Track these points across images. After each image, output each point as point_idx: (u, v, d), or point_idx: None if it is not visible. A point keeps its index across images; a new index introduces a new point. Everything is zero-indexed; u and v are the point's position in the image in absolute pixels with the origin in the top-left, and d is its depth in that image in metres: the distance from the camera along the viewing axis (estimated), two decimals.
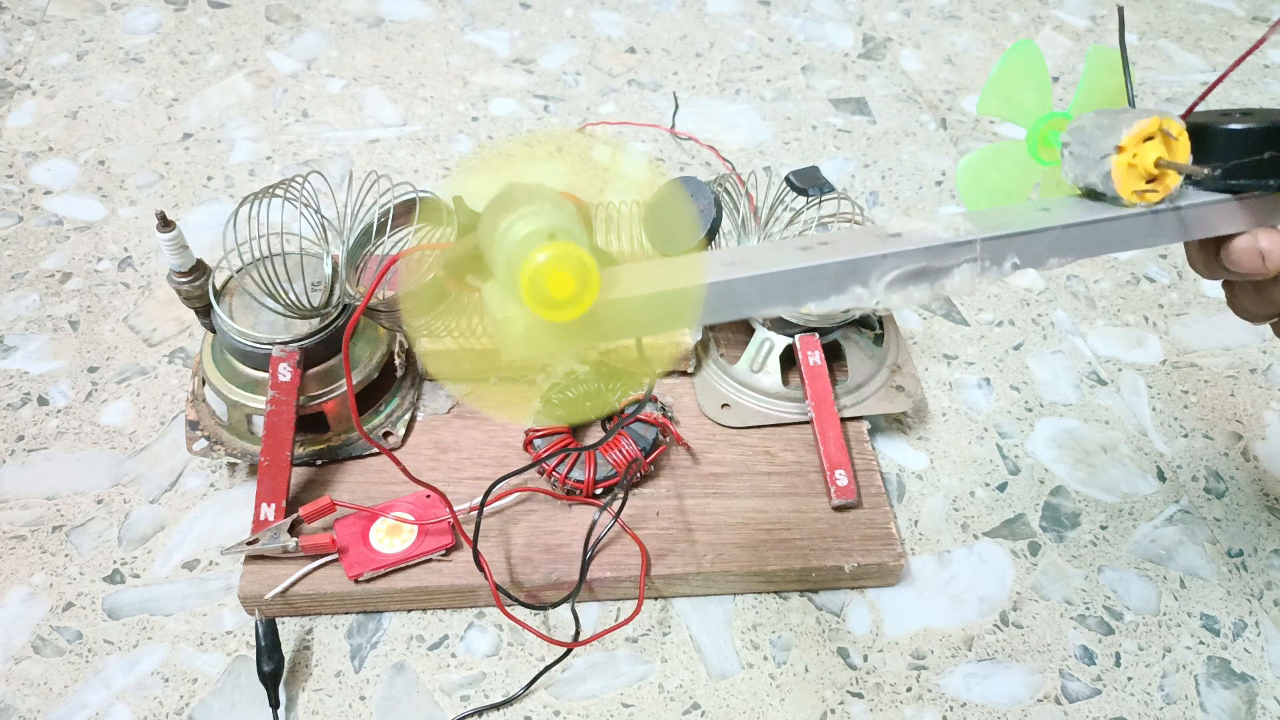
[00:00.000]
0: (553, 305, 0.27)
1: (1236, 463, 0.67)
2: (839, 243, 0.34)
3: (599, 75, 0.97)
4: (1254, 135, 0.34)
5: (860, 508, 0.60)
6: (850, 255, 0.33)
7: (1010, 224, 0.34)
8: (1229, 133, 0.34)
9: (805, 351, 0.63)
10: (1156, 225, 0.35)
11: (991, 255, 0.34)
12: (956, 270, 0.34)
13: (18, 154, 0.85)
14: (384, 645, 0.55)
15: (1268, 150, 0.34)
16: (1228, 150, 0.34)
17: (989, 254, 0.34)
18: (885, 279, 0.33)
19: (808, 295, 0.33)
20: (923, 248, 0.33)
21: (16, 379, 0.67)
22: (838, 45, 1.03)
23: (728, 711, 0.54)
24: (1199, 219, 0.35)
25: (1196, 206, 0.35)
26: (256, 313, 0.58)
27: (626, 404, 0.62)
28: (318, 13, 1.03)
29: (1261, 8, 1.12)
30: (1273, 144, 0.34)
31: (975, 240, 0.34)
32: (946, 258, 0.34)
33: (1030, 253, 0.34)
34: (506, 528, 0.58)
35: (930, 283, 0.34)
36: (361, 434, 0.50)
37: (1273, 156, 0.34)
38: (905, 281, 0.33)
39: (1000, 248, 0.34)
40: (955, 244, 0.34)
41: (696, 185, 0.61)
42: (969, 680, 0.56)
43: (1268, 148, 0.34)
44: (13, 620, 0.55)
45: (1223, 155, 0.34)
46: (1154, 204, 0.35)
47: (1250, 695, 0.56)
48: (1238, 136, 0.34)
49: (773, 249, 0.34)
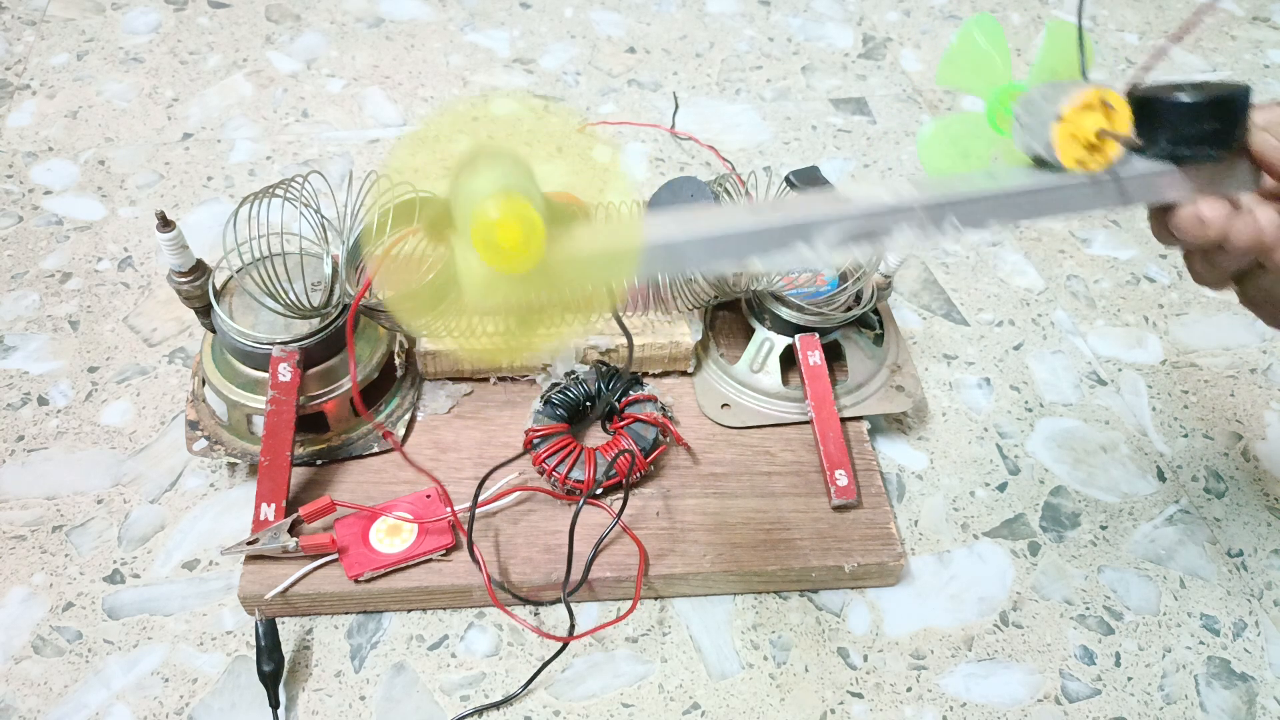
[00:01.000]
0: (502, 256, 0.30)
1: (1236, 463, 0.67)
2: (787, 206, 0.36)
3: (599, 75, 0.97)
4: (1196, 108, 0.35)
5: (860, 508, 0.60)
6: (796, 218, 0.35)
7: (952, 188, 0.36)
8: (1172, 105, 0.35)
9: (805, 351, 0.63)
10: (1097, 192, 0.36)
11: (932, 218, 0.36)
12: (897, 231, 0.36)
13: (18, 154, 0.85)
14: (384, 645, 0.55)
15: (1209, 122, 0.35)
16: (1171, 122, 0.35)
17: (929, 217, 0.36)
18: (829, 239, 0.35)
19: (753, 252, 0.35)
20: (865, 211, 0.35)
21: (16, 379, 0.67)
22: (838, 45, 1.03)
23: (728, 711, 0.54)
24: (1140, 187, 0.36)
25: (1138, 175, 0.36)
26: (256, 313, 0.58)
27: (627, 404, 0.62)
28: (318, 13, 1.03)
29: (1261, 7, 1.12)
30: (1214, 116, 0.35)
31: (915, 206, 0.36)
32: (888, 220, 0.36)
33: (970, 215, 0.36)
34: (506, 528, 0.58)
35: (872, 242, 0.36)
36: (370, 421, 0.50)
37: (1213, 128, 0.35)
38: (848, 241, 0.36)
39: (940, 211, 0.36)
40: (896, 208, 0.36)
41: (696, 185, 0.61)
42: (969, 680, 0.56)
43: (1209, 120, 0.35)
44: (13, 620, 0.55)
45: (1166, 126, 0.35)
46: (1095, 172, 0.36)
47: (1250, 695, 0.56)
48: (1181, 108, 0.35)
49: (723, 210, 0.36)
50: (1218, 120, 0.36)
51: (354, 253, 0.56)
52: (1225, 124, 0.36)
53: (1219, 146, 0.36)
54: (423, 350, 0.63)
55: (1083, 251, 0.82)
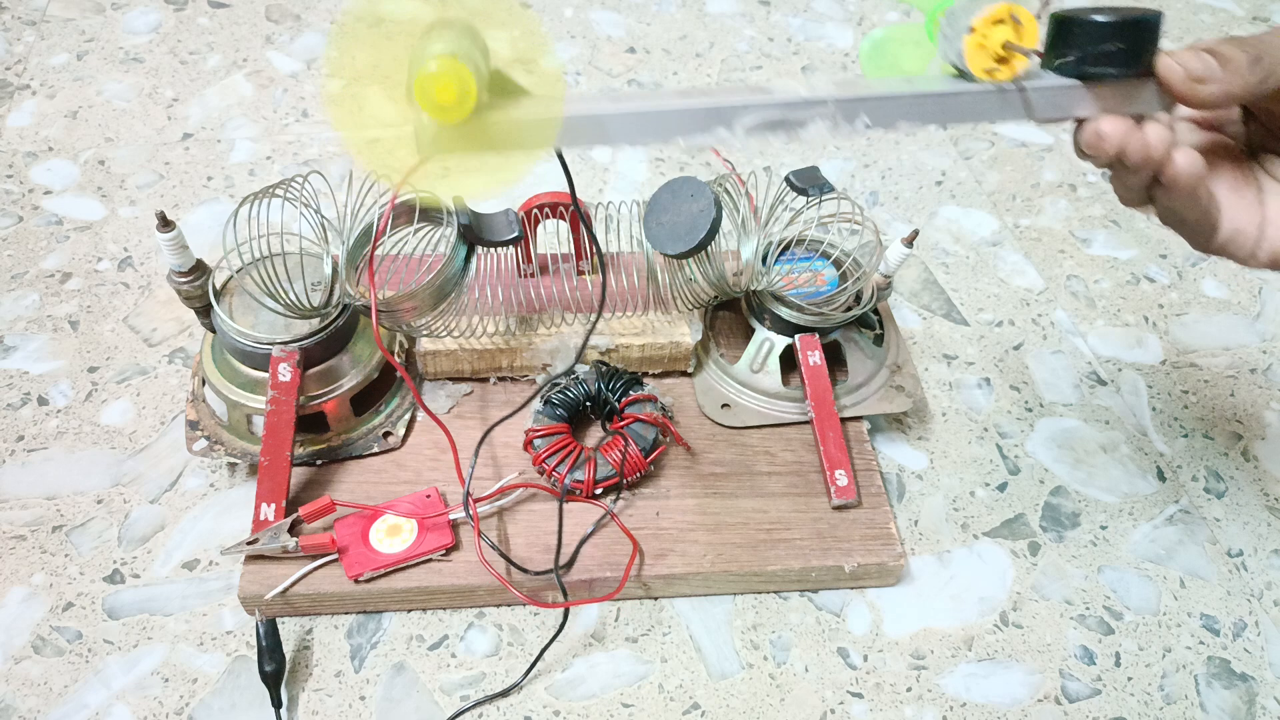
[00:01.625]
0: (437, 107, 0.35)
1: (1236, 463, 0.67)
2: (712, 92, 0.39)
3: (599, 75, 0.97)
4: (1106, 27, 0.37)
5: (860, 508, 0.60)
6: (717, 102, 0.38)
7: (866, 88, 0.39)
8: (1084, 23, 0.37)
9: (805, 351, 0.63)
10: (1004, 102, 0.39)
11: (844, 113, 0.39)
12: (811, 124, 0.39)
13: (18, 154, 0.85)
14: (384, 645, 0.55)
15: (1117, 42, 0.37)
16: (1082, 40, 0.37)
17: (842, 112, 0.39)
18: (746, 124, 0.39)
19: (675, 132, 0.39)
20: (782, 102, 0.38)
21: (16, 379, 0.67)
22: (838, 45, 1.03)
23: (728, 711, 0.54)
24: (1046, 100, 0.39)
25: (1044, 89, 0.38)
26: (256, 313, 0.58)
27: (627, 404, 0.62)
28: (318, 13, 1.03)
29: (1261, 7, 1.12)
30: (1122, 37, 0.37)
31: (829, 99, 0.38)
32: (802, 111, 0.38)
33: (880, 114, 0.39)
34: (506, 526, 0.58)
35: (786, 132, 0.39)
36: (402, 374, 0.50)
37: (1122, 49, 0.37)
38: (764, 129, 0.39)
39: (852, 108, 0.39)
40: (811, 100, 0.38)
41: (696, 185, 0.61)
42: (969, 680, 0.56)
43: (1118, 39, 0.37)
44: (13, 620, 0.55)
45: (1078, 44, 0.38)
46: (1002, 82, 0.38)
47: (1250, 695, 0.56)
48: (1092, 27, 0.37)
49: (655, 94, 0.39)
50: (1126, 41, 0.37)
51: (354, 253, 0.56)
52: (1134, 45, 0.38)
53: (1125, 66, 0.38)
54: (423, 350, 0.63)
55: (1083, 251, 0.82)
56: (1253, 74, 0.37)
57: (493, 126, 0.37)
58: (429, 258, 0.58)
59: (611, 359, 0.64)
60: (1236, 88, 0.37)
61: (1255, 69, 0.37)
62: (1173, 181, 0.39)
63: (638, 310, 0.65)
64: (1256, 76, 0.37)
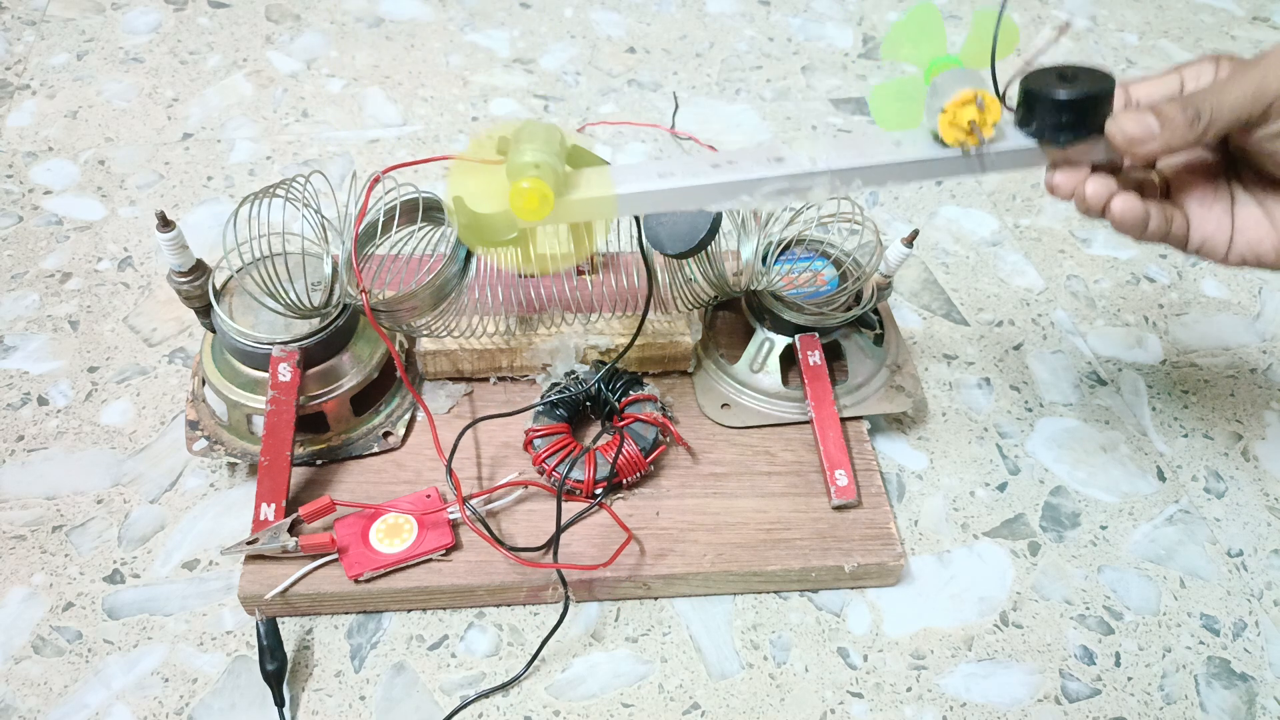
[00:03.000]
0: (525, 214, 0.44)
1: (1236, 463, 0.67)
2: (738, 163, 0.46)
3: (599, 75, 0.97)
4: (1060, 104, 0.43)
5: (860, 508, 0.60)
6: (745, 176, 0.46)
7: (861, 156, 0.46)
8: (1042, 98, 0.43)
9: (805, 351, 0.63)
10: (967, 164, 0.46)
11: (842, 179, 0.46)
12: (816, 188, 0.47)
13: (18, 154, 0.85)
14: (384, 645, 0.55)
15: (1074, 114, 0.43)
16: (1041, 110, 0.44)
17: (840, 179, 0.46)
18: (764, 192, 0.47)
19: (709, 202, 0.47)
20: (792, 173, 0.46)
21: (16, 379, 0.67)
22: (838, 45, 1.03)
23: (728, 711, 0.54)
24: (1009, 161, 0.46)
25: (1007, 151, 0.45)
26: (256, 313, 0.58)
27: (627, 404, 0.62)
28: (318, 13, 1.03)
29: (1261, 7, 1.12)
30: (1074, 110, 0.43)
31: (829, 170, 0.46)
32: (808, 180, 0.46)
33: (872, 178, 0.47)
34: (505, 524, 0.58)
35: (797, 195, 0.47)
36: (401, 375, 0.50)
37: (1077, 118, 0.43)
38: (779, 195, 0.47)
39: (849, 175, 0.46)
40: (815, 172, 0.46)
41: None
42: (969, 680, 0.56)
43: (1074, 112, 0.43)
44: (13, 620, 0.55)
45: (1038, 113, 0.44)
46: (971, 149, 0.45)
47: (1250, 695, 0.56)
48: (1048, 103, 0.43)
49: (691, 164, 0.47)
50: (1080, 112, 0.43)
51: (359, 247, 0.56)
52: (1087, 114, 0.43)
53: (1080, 131, 0.44)
54: (423, 350, 0.63)
55: (1083, 251, 0.82)
56: (1190, 132, 0.42)
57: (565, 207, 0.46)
58: (429, 258, 0.57)
59: (611, 359, 0.64)
60: (1175, 144, 0.42)
61: (1193, 128, 0.42)
62: (1116, 225, 0.45)
63: (638, 310, 0.65)
64: (1194, 134, 0.42)
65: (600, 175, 0.47)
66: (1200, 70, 0.45)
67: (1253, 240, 0.46)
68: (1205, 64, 0.46)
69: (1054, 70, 0.44)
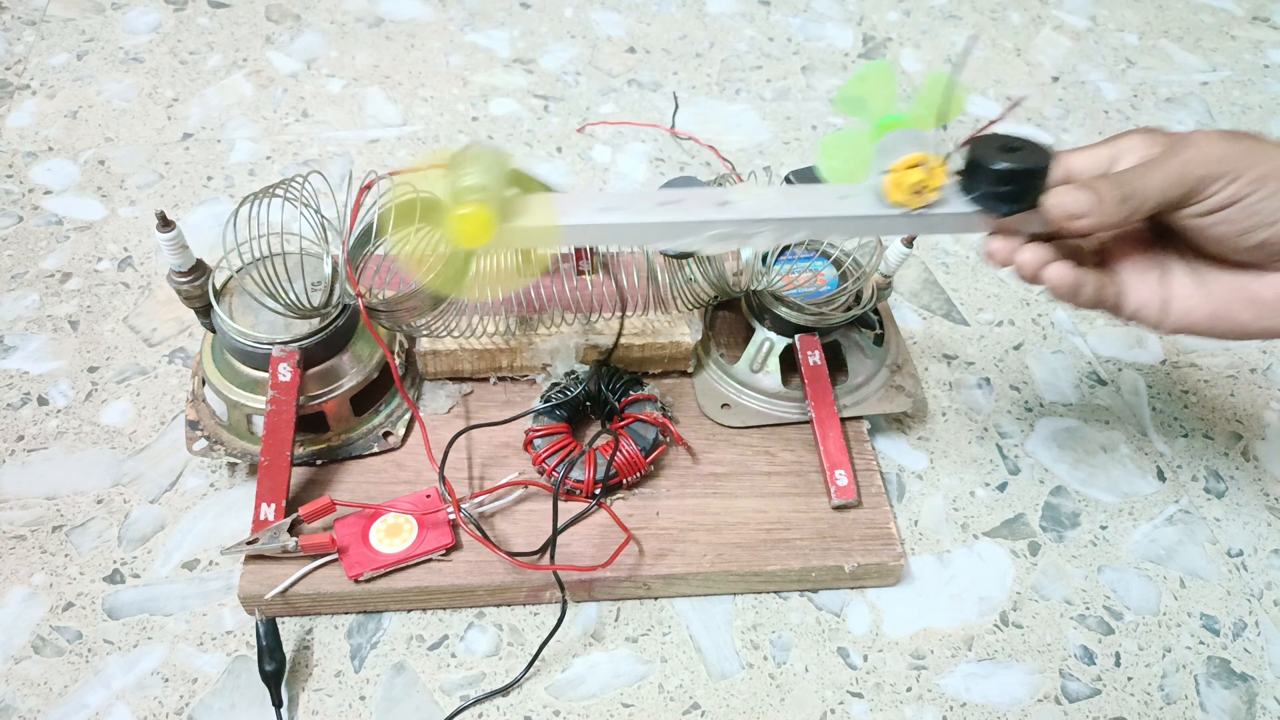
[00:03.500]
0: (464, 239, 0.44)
1: (1236, 463, 0.67)
2: (683, 202, 0.47)
3: (599, 75, 0.97)
4: (1001, 174, 0.44)
5: (860, 508, 0.60)
6: (690, 217, 0.46)
7: (807, 208, 0.47)
8: (984, 168, 0.44)
9: (805, 351, 0.63)
10: (909, 224, 0.47)
11: (788, 229, 0.47)
12: (760, 236, 0.47)
13: (18, 154, 0.85)
14: (384, 645, 0.55)
15: (1012, 185, 0.44)
16: (983, 179, 0.45)
17: (786, 228, 0.47)
18: (708, 235, 0.47)
19: (653, 241, 0.48)
20: (740, 219, 0.46)
21: (16, 379, 0.67)
22: (838, 45, 1.03)
23: (728, 711, 0.54)
24: (950, 224, 0.47)
25: (948, 215, 0.46)
26: (256, 313, 0.58)
27: (627, 404, 0.62)
28: (318, 13, 1.03)
29: (1261, 7, 1.12)
30: (1013, 182, 0.44)
31: (776, 219, 0.46)
32: (754, 227, 0.47)
33: (817, 230, 0.47)
34: (506, 525, 0.58)
35: (740, 241, 0.47)
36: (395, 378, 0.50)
37: (1016, 190, 0.44)
38: (723, 240, 0.47)
39: (794, 225, 0.47)
40: (761, 220, 0.46)
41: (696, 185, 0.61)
42: (969, 680, 0.56)
43: (1009, 184, 0.44)
44: (13, 620, 0.55)
45: (980, 181, 0.45)
46: (913, 210, 0.46)
47: (1250, 695, 0.56)
48: (989, 173, 0.44)
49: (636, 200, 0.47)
50: (1019, 184, 0.44)
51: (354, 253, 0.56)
52: (1025, 187, 0.44)
53: (1018, 202, 0.45)
54: (423, 350, 0.63)
55: None
56: (1120, 211, 0.44)
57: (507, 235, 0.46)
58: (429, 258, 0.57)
59: (611, 359, 0.64)
60: (1107, 223, 0.44)
61: (1123, 206, 0.44)
62: (1051, 292, 0.46)
63: (638, 310, 0.65)
64: (1124, 212, 0.44)
65: (544, 204, 0.47)
66: (1132, 143, 0.47)
67: (1187, 308, 0.47)
68: (1137, 137, 0.47)
69: (998, 139, 0.45)
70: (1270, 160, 0.43)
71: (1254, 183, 0.43)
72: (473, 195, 0.44)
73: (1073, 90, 0.99)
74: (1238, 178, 0.43)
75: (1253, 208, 0.43)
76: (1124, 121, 0.95)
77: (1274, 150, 0.44)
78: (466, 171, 0.45)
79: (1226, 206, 0.43)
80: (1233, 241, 0.44)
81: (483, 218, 0.44)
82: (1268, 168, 0.43)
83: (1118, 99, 0.98)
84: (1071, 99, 0.97)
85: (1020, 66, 1.01)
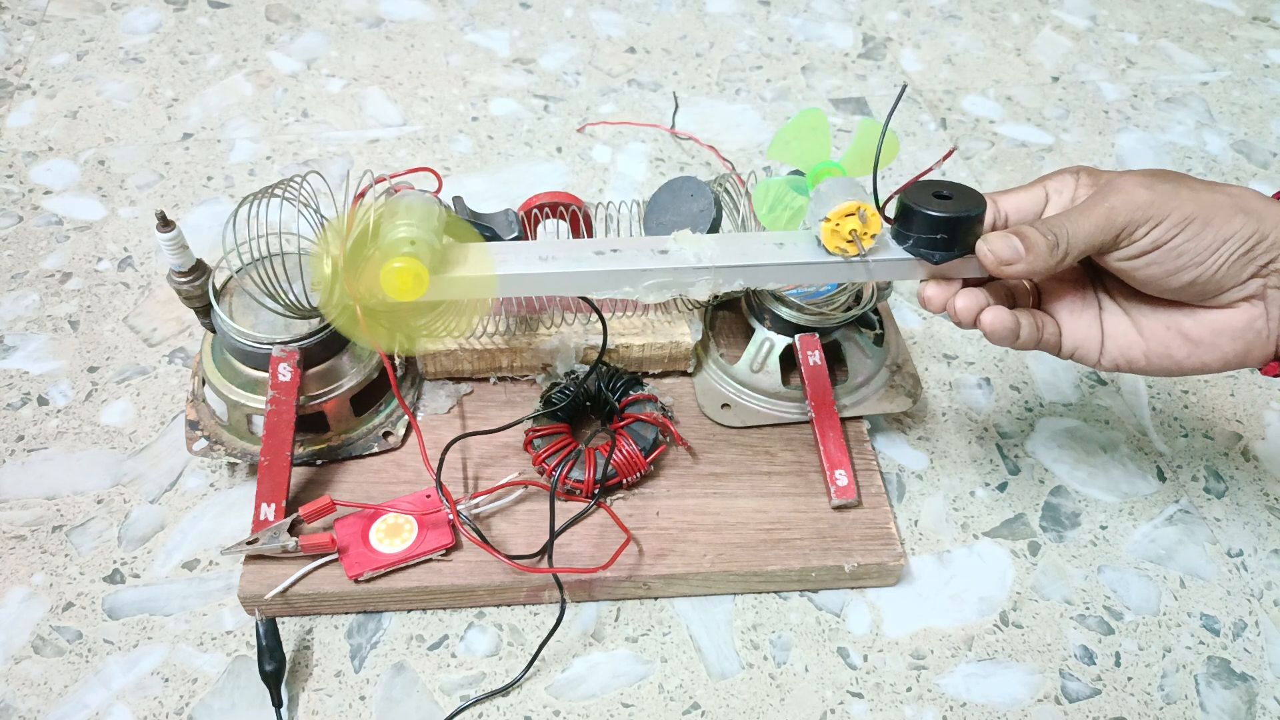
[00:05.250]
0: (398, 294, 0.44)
1: (1236, 463, 0.67)
2: (623, 251, 0.47)
3: (599, 75, 0.97)
4: (933, 220, 0.45)
5: (860, 508, 0.60)
6: (628, 266, 0.47)
7: (744, 255, 0.48)
8: (916, 214, 0.45)
9: (805, 351, 0.63)
10: (848, 270, 0.48)
11: (725, 277, 0.48)
12: (698, 284, 0.48)
13: (18, 154, 0.85)
14: (384, 645, 0.55)
15: (944, 232, 0.45)
16: (915, 226, 0.46)
17: (723, 276, 0.48)
18: (647, 284, 0.47)
19: (590, 290, 0.48)
20: (675, 267, 0.47)
21: (16, 379, 0.67)
22: (838, 45, 1.03)
23: (728, 711, 0.54)
24: (886, 269, 0.48)
25: (885, 261, 0.47)
26: (256, 313, 0.58)
27: (627, 404, 0.62)
28: (318, 13, 1.03)
29: (1261, 7, 1.12)
30: (945, 229, 0.45)
31: (713, 267, 0.47)
32: (692, 275, 0.48)
33: (754, 278, 0.48)
34: (507, 525, 0.58)
35: (679, 290, 0.48)
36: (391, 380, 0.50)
37: (948, 237, 0.45)
38: (661, 289, 0.48)
39: (732, 273, 0.48)
40: (698, 268, 0.47)
41: (696, 185, 0.61)
42: (969, 680, 0.56)
43: (941, 231, 0.45)
44: (13, 620, 0.55)
45: (913, 228, 0.46)
46: (851, 256, 0.47)
47: (1250, 695, 0.56)
48: (921, 219, 0.45)
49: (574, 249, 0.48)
50: (951, 232, 0.45)
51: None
52: (958, 235, 0.46)
53: (951, 249, 0.46)
54: (423, 350, 0.63)
55: None
56: (1051, 257, 0.45)
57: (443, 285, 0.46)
58: None
59: (611, 359, 0.64)
60: (1038, 268, 0.45)
61: (1054, 253, 0.45)
62: (987, 336, 0.47)
63: (638, 310, 0.65)
64: (1055, 259, 0.45)
65: (481, 253, 0.47)
66: (1061, 184, 0.48)
67: (1123, 346, 0.48)
68: (1066, 177, 0.48)
69: (931, 187, 0.46)
70: (1192, 202, 0.44)
71: (1177, 225, 0.44)
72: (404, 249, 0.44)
73: (1073, 90, 0.99)
74: (1161, 221, 0.43)
75: (1178, 249, 0.44)
76: (1124, 121, 0.95)
77: (1198, 192, 0.44)
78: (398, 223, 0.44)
79: (1152, 250, 0.44)
80: (1162, 282, 0.45)
81: (414, 271, 0.44)
82: (1190, 209, 0.44)
83: (1118, 99, 0.98)
84: (1071, 99, 0.97)
85: (1020, 66, 1.01)
